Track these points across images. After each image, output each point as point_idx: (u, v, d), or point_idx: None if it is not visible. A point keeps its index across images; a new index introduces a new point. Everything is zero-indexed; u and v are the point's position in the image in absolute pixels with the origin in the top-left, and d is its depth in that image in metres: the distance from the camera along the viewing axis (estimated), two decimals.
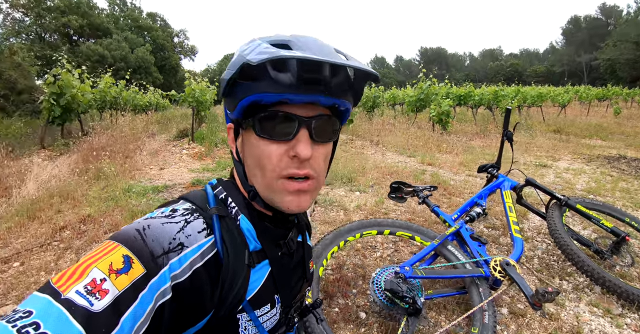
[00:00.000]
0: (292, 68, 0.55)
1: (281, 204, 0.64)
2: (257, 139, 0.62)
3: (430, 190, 2.71)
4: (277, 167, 0.61)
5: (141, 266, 0.51)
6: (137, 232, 0.55)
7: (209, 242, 0.61)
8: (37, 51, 32.04)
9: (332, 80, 0.57)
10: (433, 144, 8.02)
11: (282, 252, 0.74)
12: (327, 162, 0.69)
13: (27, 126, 10.31)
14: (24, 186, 4.80)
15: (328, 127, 0.64)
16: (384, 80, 69.01)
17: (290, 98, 0.57)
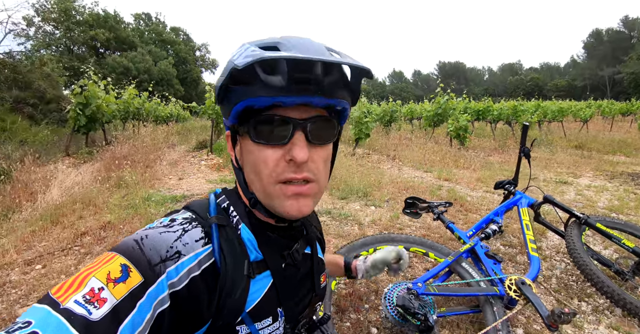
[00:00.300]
0: (282, 70, 0.54)
1: (281, 209, 0.62)
2: (253, 145, 0.61)
3: (446, 206, 2.70)
4: (273, 172, 0.60)
5: (139, 274, 0.51)
6: (135, 242, 0.55)
7: (206, 251, 0.61)
8: (65, 63, 33.35)
9: (325, 80, 0.56)
10: (450, 160, 7.95)
11: (287, 263, 0.71)
12: (327, 164, 0.67)
13: (53, 134, 10.66)
14: (48, 191, 4.98)
15: (326, 129, 0.63)
16: (401, 94, 69.09)
17: (282, 101, 0.55)
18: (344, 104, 0.62)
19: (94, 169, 6.50)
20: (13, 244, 3.24)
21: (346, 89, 0.61)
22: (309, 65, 0.54)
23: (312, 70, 0.55)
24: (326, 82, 0.56)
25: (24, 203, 4.46)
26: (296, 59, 0.51)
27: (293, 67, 0.53)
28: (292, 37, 0.58)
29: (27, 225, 3.74)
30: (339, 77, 0.58)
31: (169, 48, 53.23)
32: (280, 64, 0.54)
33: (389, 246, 2.29)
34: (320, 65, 0.55)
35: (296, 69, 0.53)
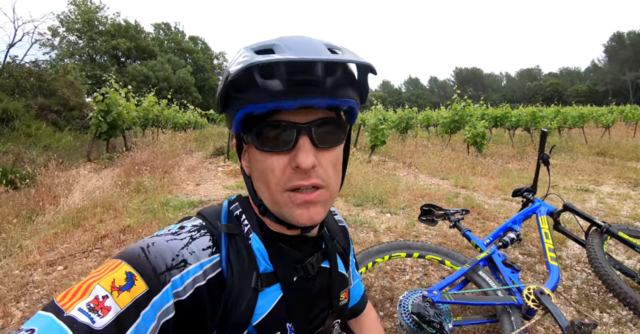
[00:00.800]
0: (280, 73, 0.51)
1: (291, 218, 0.60)
2: (258, 153, 0.59)
3: (462, 213, 2.67)
4: (280, 181, 0.57)
5: (144, 283, 0.50)
6: (141, 249, 0.54)
7: (213, 260, 0.59)
8: (88, 71, 34.49)
9: (326, 80, 0.53)
10: (467, 167, 7.86)
11: (299, 276, 0.68)
12: (337, 168, 0.63)
13: (76, 140, 10.99)
14: (70, 195, 5.14)
15: (332, 131, 0.59)
16: (417, 101, 68.73)
17: (281, 105, 0.53)
18: (350, 103, 0.58)
19: (114, 174, 6.66)
20: (36, 245, 3.35)
21: (352, 87, 0.58)
22: (307, 66, 0.51)
23: (311, 71, 0.52)
24: (328, 82, 0.53)
25: (47, 206, 4.61)
26: (292, 61, 0.49)
27: (290, 70, 0.51)
28: (289, 38, 0.55)
29: (50, 227, 3.86)
30: (342, 75, 0.55)
31: (188, 57, 54.45)
32: (277, 68, 0.51)
33: (404, 253, 2.29)
34: (321, 64, 0.52)
35: (294, 71, 0.51)
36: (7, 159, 7.11)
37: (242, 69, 0.49)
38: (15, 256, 3.15)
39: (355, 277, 0.94)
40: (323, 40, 0.56)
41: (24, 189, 5.11)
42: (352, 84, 0.58)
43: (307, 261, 0.69)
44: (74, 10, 40.41)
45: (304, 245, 0.70)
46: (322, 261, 0.74)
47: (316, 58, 0.49)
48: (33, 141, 9.71)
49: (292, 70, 0.51)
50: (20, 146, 8.81)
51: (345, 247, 0.86)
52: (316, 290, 0.71)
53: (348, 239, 0.90)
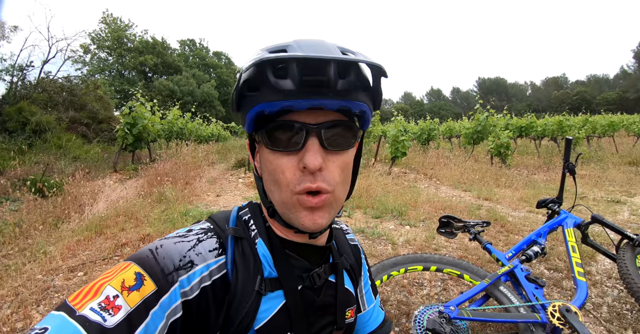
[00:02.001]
0: (292, 73, 0.51)
1: (296, 221, 0.60)
2: (269, 153, 0.59)
3: (483, 226, 2.57)
4: (291, 183, 0.57)
5: (152, 283, 0.51)
6: (149, 251, 0.56)
7: (219, 262, 0.60)
8: (117, 86, 35.97)
9: (337, 82, 0.53)
10: (491, 178, 7.67)
11: (304, 285, 0.67)
12: (346, 172, 0.62)
13: (103, 152, 11.41)
14: (95, 204, 5.30)
15: (343, 134, 0.59)
16: (440, 112, 67.94)
17: (292, 104, 0.53)
18: (362, 107, 0.58)
19: (138, 184, 6.82)
20: (60, 251, 3.45)
21: (365, 92, 0.58)
22: (319, 66, 0.51)
23: (323, 72, 0.52)
24: (340, 84, 0.53)
25: (73, 214, 4.75)
26: (306, 60, 0.50)
27: (303, 70, 0.51)
28: (304, 39, 0.56)
29: (73, 234, 3.97)
30: (354, 78, 0.55)
31: (212, 71, 56.02)
32: (290, 67, 0.51)
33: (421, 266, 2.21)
34: (333, 66, 0.52)
35: (306, 71, 0.51)
36: (37, 169, 7.42)
37: (253, 65, 0.51)
38: (39, 261, 3.26)
39: (370, 301, 0.90)
40: (337, 44, 0.57)
41: (51, 197, 5.28)
42: (365, 89, 0.58)
43: (314, 271, 0.68)
44: (105, 29, 42.49)
45: (311, 254, 0.70)
46: (329, 275, 0.72)
47: (326, 56, 0.50)
48: (63, 152, 10.10)
49: (304, 70, 0.51)
50: (50, 156, 9.18)
51: (354, 265, 0.83)
52: (321, 304, 0.70)
53: (361, 259, 0.88)
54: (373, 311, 0.90)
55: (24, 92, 13.05)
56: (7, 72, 13.85)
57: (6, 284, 2.86)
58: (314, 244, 0.69)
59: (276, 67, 0.53)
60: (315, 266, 0.69)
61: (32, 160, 8.64)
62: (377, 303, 0.93)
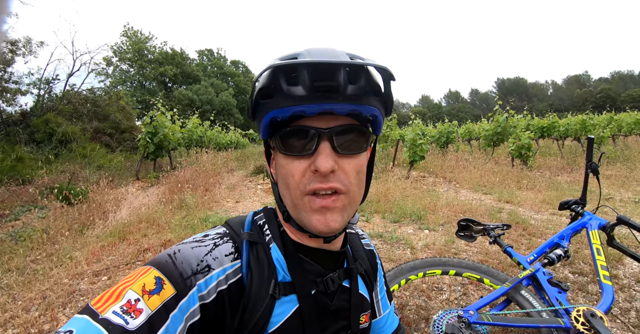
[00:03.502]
0: (303, 79, 0.53)
1: (308, 224, 0.60)
2: (282, 157, 0.61)
3: (503, 229, 2.52)
4: (300, 184, 0.59)
5: (172, 287, 0.53)
6: (168, 256, 0.58)
7: (235, 266, 0.61)
8: (138, 96, 36.97)
9: (347, 87, 0.55)
10: (512, 181, 7.50)
11: (317, 290, 0.67)
12: (360, 176, 0.62)
13: (126, 160, 11.79)
14: (118, 211, 5.45)
15: (354, 138, 0.60)
16: (458, 115, 67.07)
17: (303, 110, 0.55)
18: (373, 111, 0.59)
19: (160, 192, 6.98)
20: (85, 256, 3.57)
21: (375, 97, 0.59)
22: (329, 72, 0.53)
23: (333, 78, 0.53)
24: (350, 89, 0.55)
25: (97, 221, 4.90)
26: (315, 65, 0.52)
27: (313, 75, 0.53)
28: (315, 48, 0.58)
29: (98, 240, 4.10)
30: (364, 84, 0.56)
31: (230, 80, 56.96)
32: (300, 74, 0.54)
33: (440, 270, 2.18)
34: (343, 71, 0.54)
35: (316, 76, 0.53)
36: (64, 178, 7.69)
37: (265, 72, 0.54)
38: (65, 266, 3.38)
39: (385, 307, 0.91)
40: (347, 51, 0.59)
41: (76, 205, 5.45)
42: (376, 94, 0.59)
43: (328, 276, 0.69)
44: (126, 41, 43.81)
45: (325, 259, 0.70)
46: (343, 280, 0.72)
47: (334, 61, 0.51)
48: (88, 161, 10.45)
49: (314, 76, 0.53)
50: (76, 165, 9.51)
51: (369, 271, 0.83)
52: (335, 308, 0.70)
53: (376, 265, 0.88)
54: (388, 317, 0.91)
55: (51, 105, 13.59)
56: (34, 86, 14.47)
57: (34, 287, 2.98)
58: (327, 250, 0.70)
59: (289, 75, 0.55)
60: (329, 271, 0.70)
61: (59, 169, 8.96)
62: (392, 308, 0.93)
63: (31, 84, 14.51)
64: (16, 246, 4.11)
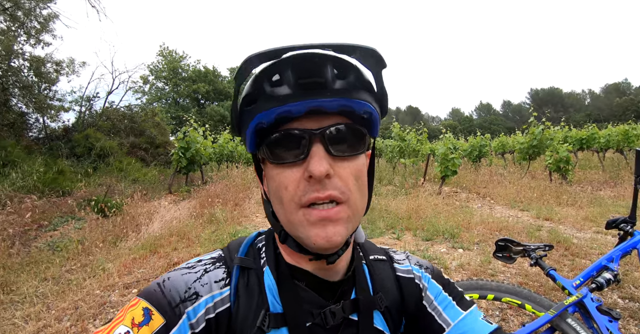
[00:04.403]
0: (287, 78, 0.50)
1: (307, 240, 0.53)
2: (273, 168, 0.55)
3: (545, 250, 2.36)
4: (295, 196, 0.52)
5: (160, 316, 0.51)
6: (157, 285, 0.56)
7: (224, 294, 0.57)
8: (172, 113, 38.46)
9: (334, 81, 0.51)
10: (550, 196, 7.16)
11: (314, 323, 0.59)
12: (361, 182, 0.56)
13: (160, 174, 12.19)
14: (151, 224, 5.59)
15: (350, 137, 0.53)
16: (490, 127, 65.35)
17: (289, 109, 0.50)
18: (367, 107, 0.53)
19: (191, 205, 7.13)
20: (117, 268, 3.66)
21: (368, 93, 0.55)
22: (314, 67, 0.50)
23: (319, 73, 0.50)
24: (338, 84, 0.51)
25: (130, 233, 5.04)
26: (299, 62, 0.49)
27: (298, 72, 0.50)
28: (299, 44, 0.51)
29: (130, 252, 4.21)
30: (354, 79, 0.52)
31: None
32: (284, 73, 0.50)
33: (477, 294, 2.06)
34: (329, 66, 0.50)
35: (301, 73, 0.50)
36: (101, 190, 7.99)
37: (242, 67, 0.49)
38: (98, 277, 3.47)
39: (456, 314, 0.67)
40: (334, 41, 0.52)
41: (111, 217, 5.63)
42: (368, 90, 0.55)
43: (328, 308, 0.59)
44: (162, 60, 45.95)
45: (323, 288, 0.61)
46: (350, 313, 0.62)
47: (317, 52, 0.49)
48: (124, 174, 10.86)
49: (299, 73, 0.50)
50: (112, 178, 9.89)
51: (395, 304, 0.68)
52: None
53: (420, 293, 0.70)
54: (465, 324, 0.66)
55: (91, 121, 14.33)
56: (76, 103, 15.35)
57: (68, 297, 3.07)
58: (323, 278, 0.61)
59: (272, 77, 0.52)
60: (330, 301, 0.61)
61: (96, 182, 9.34)
62: (473, 314, 0.68)
63: (73, 102, 15.38)
64: (53, 255, 4.27)
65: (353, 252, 0.67)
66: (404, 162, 12.26)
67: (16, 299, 3.16)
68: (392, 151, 13.30)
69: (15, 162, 8.74)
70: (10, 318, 2.83)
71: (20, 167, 8.45)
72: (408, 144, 12.31)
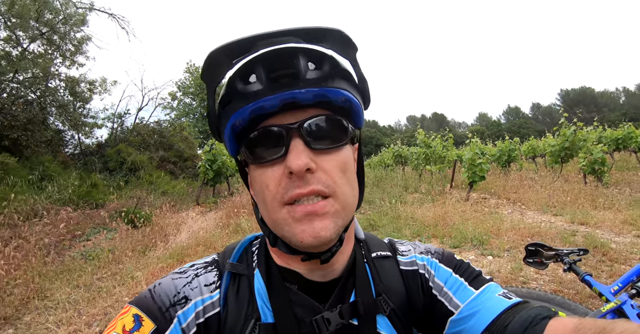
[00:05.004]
0: (258, 74, 0.49)
1: (293, 238, 0.49)
2: (254, 169, 0.53)
3: (580, 254, 2.25)
4: (277, 194, 0.49)
5: (151, 321, 0.51)
6: (148, 291, 0.55)
7: (214, 297, 0.56)
8: (200, 127, 39.64)
9: (307, 71, 0.49)
10: (585, 199, 6.85)
11: (306, 331, 0.55)
12: (348, 175, 0.53)
13: (188, 186, 12.57)
14: (179, 234, 5.74)
15: (330, 129, 0.51)
16: (520, 131, 63.57)
17: (261, 104, 0.48)
18: (343, 94, 0.51)
19: (217, 216, 7.26)
20: (145, 277, 3.77)
21: (346, 82, 0.52)
22: (284, 59, 0.48)
23: (291, 65, 0.48)
24: (311, 74, 0.49)
25: (159, 243, 5.20)
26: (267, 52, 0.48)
27: (269, 67, 0.48)
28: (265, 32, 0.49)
29: (158, 262, 4.33)
30: (329, 68, 0.50)
31: None
32: (256, 69, 0.49)
33: None
34: (302, 57, 0.48)
35: (271, 66, 0.48)
36: (131, 202, 8.29)
37: (204, 61, 0.48)
38: (126, 285, 3.60)
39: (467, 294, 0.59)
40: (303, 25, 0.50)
41: (141, 228, 5.81)
42: (346, 79, 0.53)
43: (321, 314, 0.55)
44: (189, 77, 47.59)
45: (318, 291, 0.58)
46: (349, 318, 0.57)
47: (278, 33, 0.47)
48: (153, 187, 11.24)
49: (270, 67, 0.48)
50: (142, 191, 10.25)
51: (402, 306, 0.63)
52: None
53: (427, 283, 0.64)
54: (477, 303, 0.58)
55: (122, 136, 15.00)
56: (109, 120, 16.12)
57: (98, 304, 3.20)
58: (312, 280, 0.58)
59: (243, 76, 0.50)
60: (325, 304, 0.57)
61: (128, 194, 9.70)
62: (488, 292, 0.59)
63: (106, 119, 16.18)
64: (85, 264, 4.46)
65: (354, 250, 0.63)
66: (430, 169, 12.04)
67: (50, 305, 3.32)
68: (418, 158, 13.11)
69: (52, 176, 9.24)
70: (43, 323, 2.99)
71: (57, 181, 8.92)
72: (434, 150, 12.10)
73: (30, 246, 4.72)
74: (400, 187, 10.47)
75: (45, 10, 12.80)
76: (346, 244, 0.59)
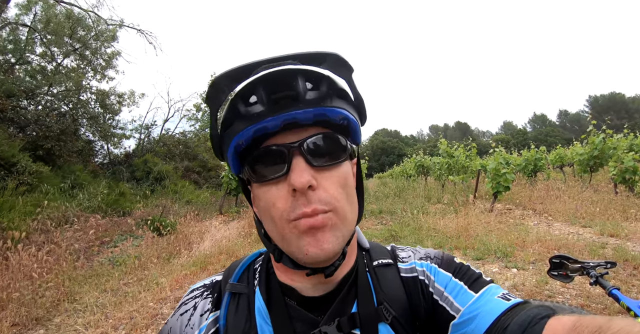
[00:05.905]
0: (259, 96, 0.51)
1: (299, 251, 0.52)
2: (258, 187, 0.55)
3: (607, 267, 2.17)
4: (284, 212, 0.51)
5: None
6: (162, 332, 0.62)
7: (209, 319, 0.60)
8: None
9: (306, 92, 0.51)
10: (616, 210, 6.59)
11: None
12: (347, 190, 0.55)
13: (212, 196, 12.80)
14: (202, 242, 5.86)
15: (330, 146, 0.54)
16: (546, 140, 61.64)
17: (264, 125, 0.51)
18: (341, 113, 0.54)
19: (240, 225, 7.37)
20: (169, 283, 3.88)
21: (343, 101, 0.55)
22: (285, 81, 0.51)
23: (290, 86, 0.51)
24: (310, 95, 0.51)
25: (183, 251, 5.33)
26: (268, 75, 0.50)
27: (270, 89, 0.51)
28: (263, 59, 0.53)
29: (182, 269, 4.44)
30: (327, 89, 0.53)
31: None
32: (257, 92, 0.51)
33: None
34: (299, 78, 0.51)
35: (272, 89, 0.51)
36: (157, 211, 8.51)
37: (209, 87, 0.51)
38: (151, 291, 3.71)
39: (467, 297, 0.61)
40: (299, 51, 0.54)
41: (166, 235, 5.97)
42: (343, 98, 0.56)
43: (319, 328, 0.56)
44: None
45: (317, 305, 0.59)
46: (351, 329, 0.58)
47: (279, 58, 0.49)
48: (178, 196, 11.51)
49: (271, 89, 0.51)
50: (168, 200, 10.50)
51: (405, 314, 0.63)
52: None
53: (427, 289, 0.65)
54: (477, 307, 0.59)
55: (149, 147, 15.50)
56: (136, 131, 16.69)
57: (124, 308, 3.31)
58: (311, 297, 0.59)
59: (245, 98, 0.53)
60: (322, 317, 0.58)
61: (153, 203, 9.96)
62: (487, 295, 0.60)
63: (134, 130, 16.74)
64: (112, 269, 4.62)
65: (356, 260, 0.65)
66: (452, 179, 11.85)
67: (78, 308, 3.47)
68: (440, 168, 12.92)
69: (83, 184, 9.62)
70: (72, 325, 3.13)
71: (87, 189, 9.28)
72: (456, 160, 11.90)
73: (62, 251, 4.93)
74: (423, 197, 10.35)
75: (79, 27, 13.54)
76: (349, 257, 0.61)
